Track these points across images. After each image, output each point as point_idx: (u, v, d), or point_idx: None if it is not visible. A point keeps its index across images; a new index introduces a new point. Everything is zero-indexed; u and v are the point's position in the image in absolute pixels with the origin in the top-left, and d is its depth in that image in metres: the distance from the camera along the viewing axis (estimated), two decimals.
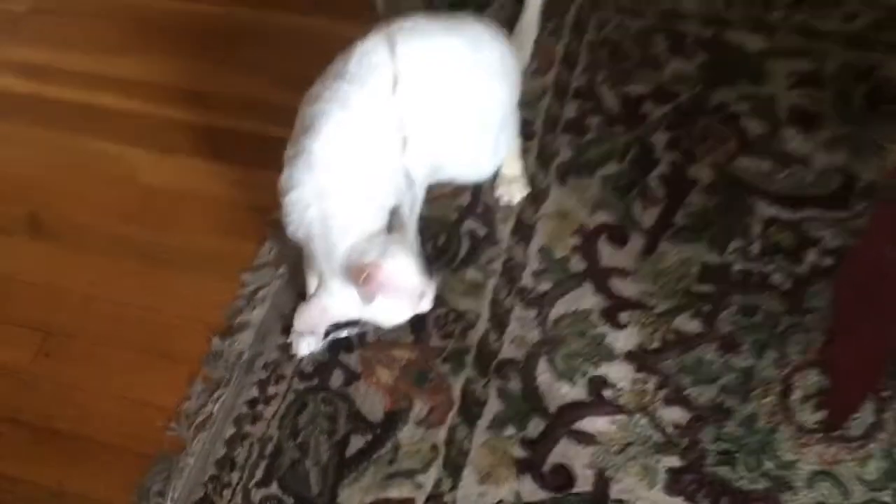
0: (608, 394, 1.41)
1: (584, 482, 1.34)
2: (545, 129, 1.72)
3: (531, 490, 1.34)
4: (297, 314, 1.39)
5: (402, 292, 1.31)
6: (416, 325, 1.48)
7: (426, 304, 1.35)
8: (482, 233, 1.61)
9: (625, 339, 1.46)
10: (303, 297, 1.45)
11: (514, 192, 1.63)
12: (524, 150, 1.64)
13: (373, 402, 1.45)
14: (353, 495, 1.37)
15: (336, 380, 1.49)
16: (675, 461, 1.34)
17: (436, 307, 1.41)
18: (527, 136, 1.66)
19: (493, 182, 1.63)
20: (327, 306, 1.34)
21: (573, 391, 1.42)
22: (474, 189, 1.65)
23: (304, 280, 1.50)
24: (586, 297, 1.51)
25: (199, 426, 1.46)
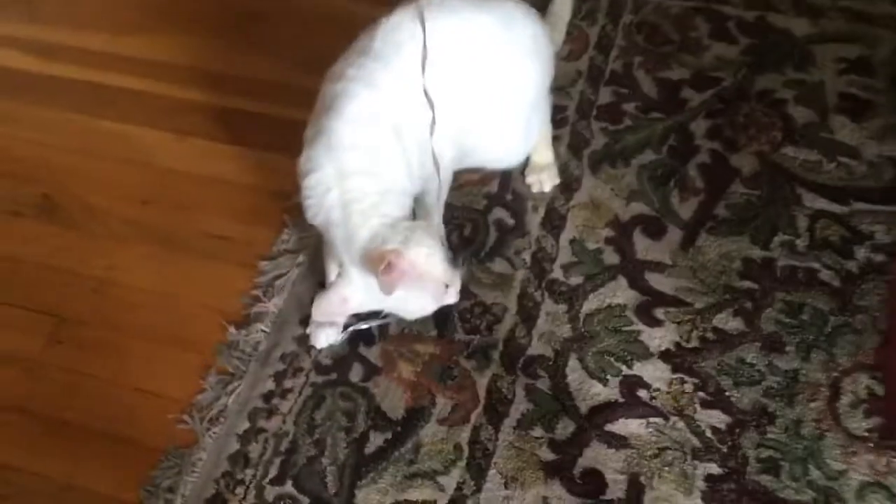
0: (643, 394, 1.38)
1: (616, 488, 1.31)
2: (578, 116, 1.71)
3: (559, 495, 1.31)
4: (314, 304, 1.37)
5: (425, 283, 1.29)
6: (440, 318, 1.45)
7: (451, 297, 1.34)
8: (511, 223, 1.59)
9: (661, 336, 1.42)
10: (323, 286, 1.45)
11: (544, 181, 1.60)
12: (556, 138, 1.62)
13: (393, 399, 1.42)
14: (371, 496, 1.34)
15: (356, 374, 1.46)
16: (714, 468, 1.30)
17: (461, 300, 1.39)
18: (559, 122, 1.65)
19: (522, 170, 1.62)
20: (346, 296, 1.33)
21: (605, 391, 1.39)
22: (503, 177, 1.64)
23: (323, 268, 1.48)
24: (620, 292, 1.48)
25: (213, 420, 1.44)
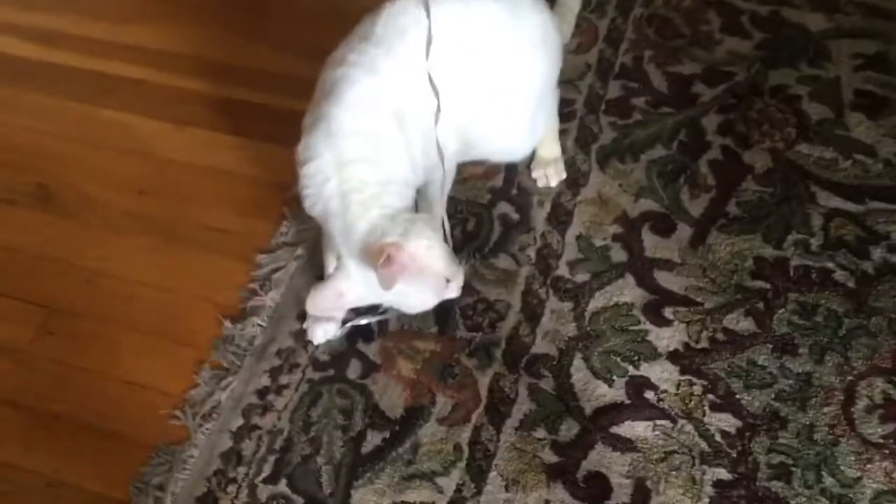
0: (650, 396, 1.36)
1: (622, 493, 1.28)
2: (586, 110, 1.69)
3: (562, 499, 1.28)
4: (308, 297, 1.33)
5: (426, 277, 1.27)
6: (441, 314, 1.43)
7: (453, 292, 1.31)
8: (516, 218, 1.57)
9: (669, 336, 1.40)
10: (321, 280, 1.41)
11: (551, 176, 1.58)
12: (563, 132, 1.61)
13: (392, 397, 1.40)
14: (368, 497, 1.32)
15: (353, 370, 1.44)
16: (723, 473, 1.28)
17: (463, 296, 1.37)
18: (566, 116, 1.63)
19: (528, 164, 1.60)
20: (343, 290, 1.30)
21: (611, 392, 1.37)
22: (508, 171, 1.62)
23: (322, 262, 1.46)
24: (627, 290, 1.46)
25: (205, 416, 1.42)
